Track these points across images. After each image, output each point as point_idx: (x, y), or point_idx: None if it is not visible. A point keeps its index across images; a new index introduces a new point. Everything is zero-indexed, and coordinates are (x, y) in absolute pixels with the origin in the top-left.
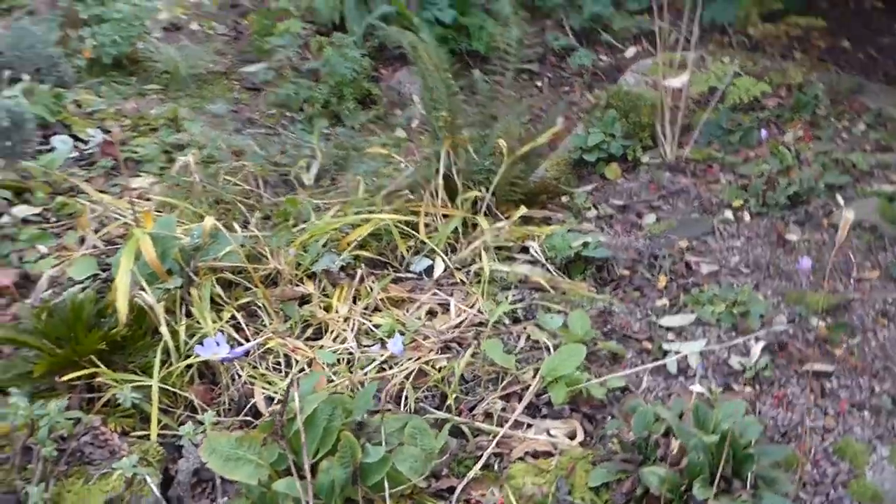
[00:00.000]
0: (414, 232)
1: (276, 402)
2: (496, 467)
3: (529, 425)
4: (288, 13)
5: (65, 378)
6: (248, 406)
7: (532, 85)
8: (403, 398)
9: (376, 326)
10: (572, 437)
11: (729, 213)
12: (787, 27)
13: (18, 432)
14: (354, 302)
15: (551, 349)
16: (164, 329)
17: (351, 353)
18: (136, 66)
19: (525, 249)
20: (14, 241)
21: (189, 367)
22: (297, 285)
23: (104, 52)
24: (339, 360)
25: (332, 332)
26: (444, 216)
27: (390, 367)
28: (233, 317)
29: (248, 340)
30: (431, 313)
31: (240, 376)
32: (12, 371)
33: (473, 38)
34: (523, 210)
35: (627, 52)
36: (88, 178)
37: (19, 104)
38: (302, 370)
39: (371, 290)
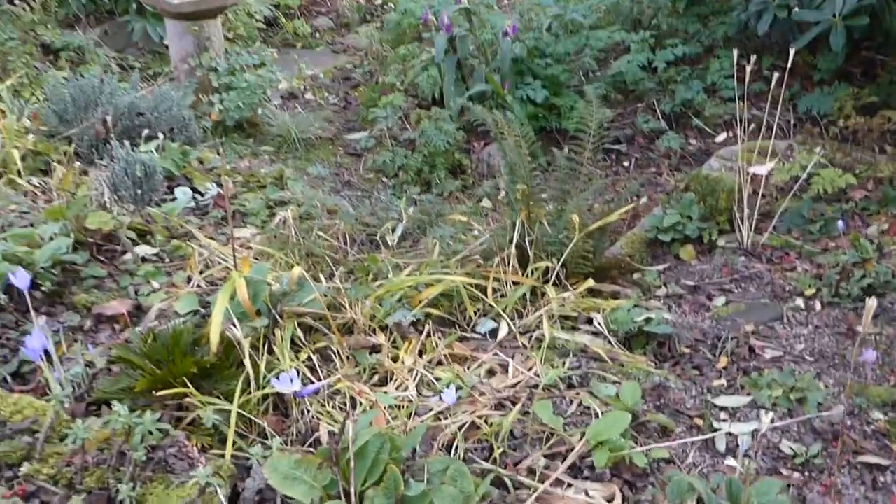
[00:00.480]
0: (483, 295)
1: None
2: None
3: (570, 485)
4: (393, 88)
5: (160, 394)
6: (313, 438)
7: (619, 164)
8: (454, 448)
9: (437, 379)
10: (610, 500)
11: (800, 301)
12: (882, 120)
13: (117, 437)
14: (420, 355)
15: (600, 416)
16: (247, 362)
17: (410, 401)
18: (255, 130)
19: (589, 321)
20: (133, 276)
21: (265, 397)
22: (370, 335)
23: (228, 116)
24: (398, 405)
25: (396, 380)
26: (514, 283)
27: (445, 418)
28: (309, 358)
29: (319, 380)
30: (490, 372)
31: (308, 411)
32: (118, 385)
33: (563, 118)
34: (590, 283)
35: (718, 137)
36: (201, 225)
37: (152, 159)
38: (364, 411)
39: (436, 345)
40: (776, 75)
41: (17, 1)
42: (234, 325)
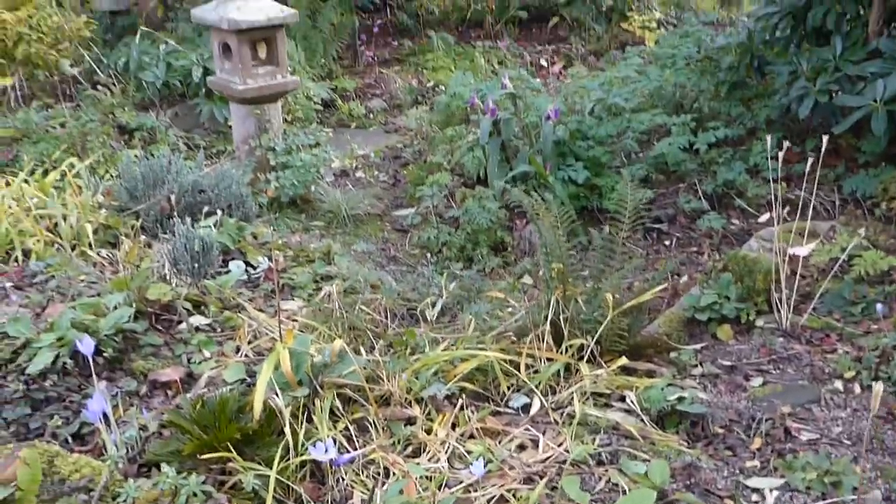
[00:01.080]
0: (516, 371)
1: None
2: None
3: None
4: (440, 167)
5: (205, 458)
6: None
7: (660, 243)
8: None
9: (468, 452)
10: None
11: (839, 384)
12: None
13: (164, 497)
14: (453, 428)
15: (627, 493)
16: (287, 429)
17: (441, 473)
18: (308, 206)
19: (623, 398)
20: (187, 345)
21: (303, 464)
22: (406, 408)
23: (283, 193)
24: (429, 476)
25: (428, 451)
26: (548, 359)
27: (474, 490)
28: (346, 427)
29: (355, 449)
30: (521, 447)
31: (343, 479)
32: (168, 448)
33: (604, 198)
34: (624, 360)
35: (760, 217)
36: (252, 297)
37: (209, 234)
38: (397, 481)
39: (469, 419)
40: (811, 158)
41: (100, 86)
42: (277, 395)
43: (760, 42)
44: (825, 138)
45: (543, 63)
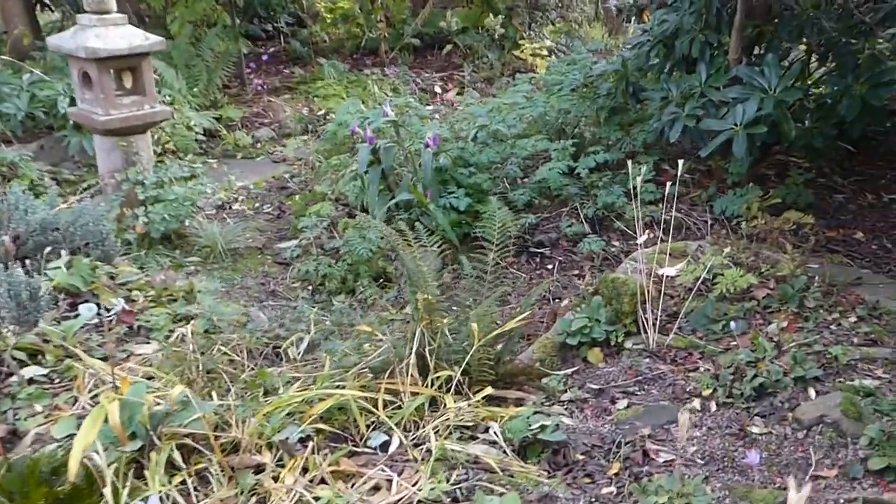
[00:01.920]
0: (375, 409)
1: None
2: None
3: None
4: (324, 197)
5: None
6: None
7: (543, 267)
8: None
9: (316, 499)
10: None
11: (697, 403)
12: (784, 221)
13: None
14: (304, 473)
15: None
16: (107, 490)
17: None
18: (183, 241)
19: (488, 429)
20: (14, 399)
21: None
22: (256, 454)
23: (153, 228)
24: None
25: (272, 501)
26: (413, 394)
27: None
28: (183, 482)
29: None
30: (375, 488)
31: None
32: None
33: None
34: (489, 390)
35: (639, 238)
36: (102, 342)
37: (37, 281)
38: None
39: (321, 463)
40: (664, 182)
41: None
42: (98, 452)
43: (635, 69)
44: (680, 163)
45: (437, 90)
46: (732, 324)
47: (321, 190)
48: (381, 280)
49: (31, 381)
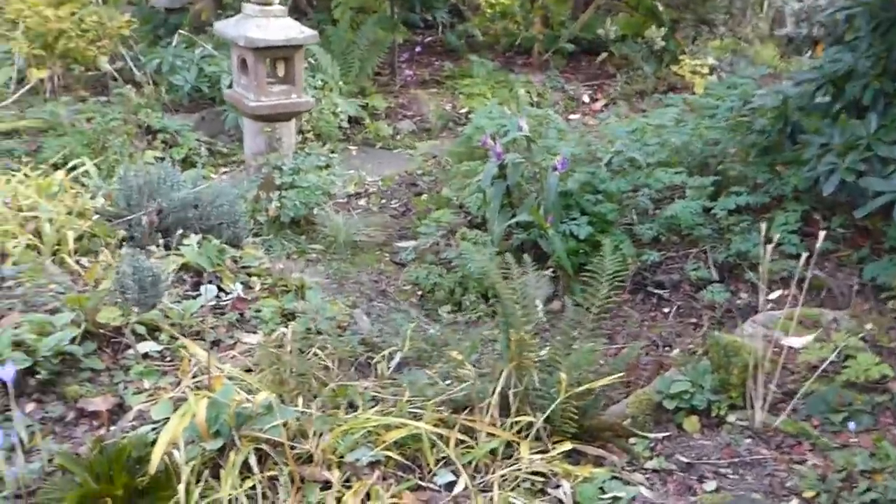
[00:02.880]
0: (446, 446)
1: None
2: None
3: None
4: (448, 203)
5: None
6: None
7: (658, 310)
8: None
9: None
10: None
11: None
12: None
13: None
14: (367, 498)
15: None
16: (181, 487)
17: None
18: (310, 228)
19: (559, 486)
20: (127, 372)
21: None
22: (326, 470)
23: (284, 213)
24: None
25: None
26: (490, 435)
27: None
28: (253, 486)
29: None
30: None
31: None
32: (51, 495)
33: (606, 257)
34: (568, 445)
35: (771, 294)
36: (214, 325)
37: (157, 266)
38: None
39: (383, 492)
40: (810, 235)
41: (131, 85)
42: (178, 449)
43: (796, 108)
44: (833, 218)
45: (585, 99)
46: (851, 424)
47: (447, 194)
48: (490, 298)
49: (145, 355)
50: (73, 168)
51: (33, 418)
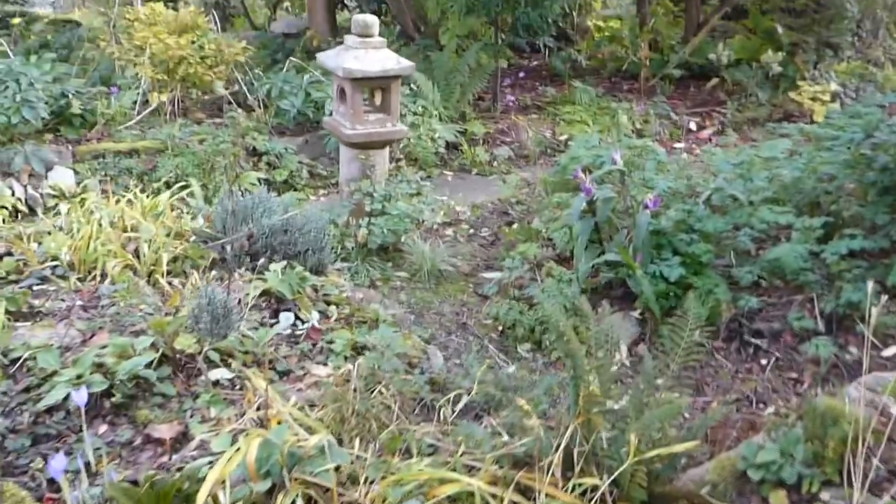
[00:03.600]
0: None
1: None
2: None
3: None
4: (537, 235)
5: None
6: None
7: (755, 361)
8: None
9: None
10: None
11: None
12: None
13: None
14: None
15: None
16: None
17: None
18: (396, 255)
19: None
20: (195, 399)
21: None
22: None
23: (371, 240)
24: None
25: None
26: (549, 496)
27: None
28: None
29: None
30: None
31: None
32: None
33: (701, 301)
34: None
35: (885, 351)
36: (287, 355)
37: (228, 299)
38: None
39: None
40: None
41: (241, 109)
42: (223, 491)
43: None
44: None
45: (692, 127)
46: None
47: (536, 226)
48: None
49: (216, 383)
50: (184, 187)
51: (104, 441)
